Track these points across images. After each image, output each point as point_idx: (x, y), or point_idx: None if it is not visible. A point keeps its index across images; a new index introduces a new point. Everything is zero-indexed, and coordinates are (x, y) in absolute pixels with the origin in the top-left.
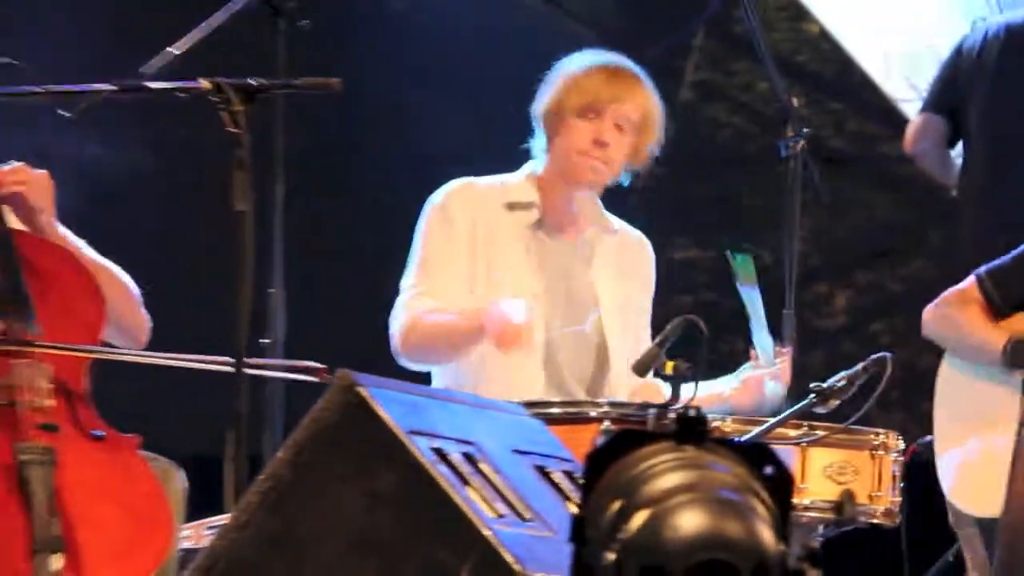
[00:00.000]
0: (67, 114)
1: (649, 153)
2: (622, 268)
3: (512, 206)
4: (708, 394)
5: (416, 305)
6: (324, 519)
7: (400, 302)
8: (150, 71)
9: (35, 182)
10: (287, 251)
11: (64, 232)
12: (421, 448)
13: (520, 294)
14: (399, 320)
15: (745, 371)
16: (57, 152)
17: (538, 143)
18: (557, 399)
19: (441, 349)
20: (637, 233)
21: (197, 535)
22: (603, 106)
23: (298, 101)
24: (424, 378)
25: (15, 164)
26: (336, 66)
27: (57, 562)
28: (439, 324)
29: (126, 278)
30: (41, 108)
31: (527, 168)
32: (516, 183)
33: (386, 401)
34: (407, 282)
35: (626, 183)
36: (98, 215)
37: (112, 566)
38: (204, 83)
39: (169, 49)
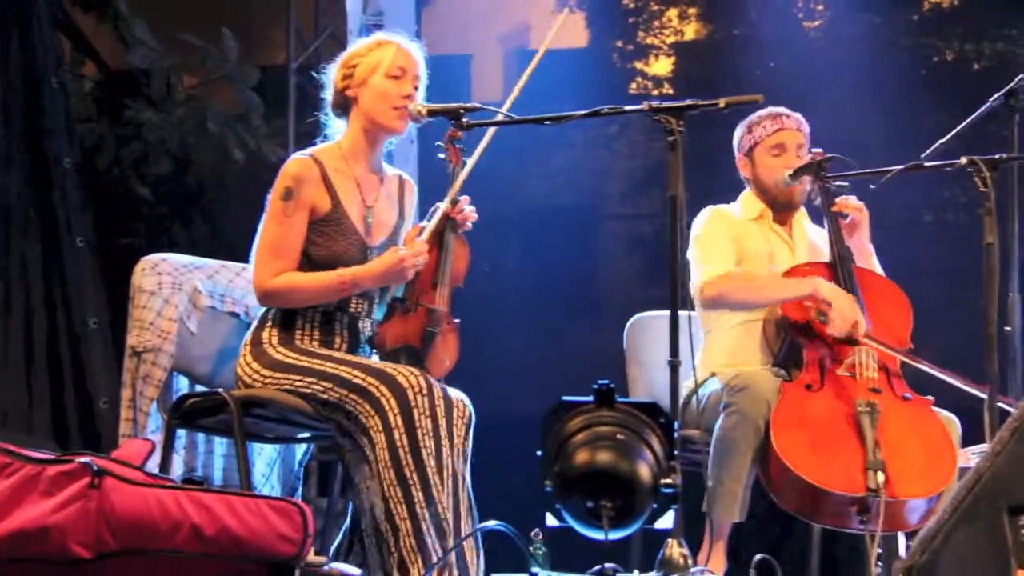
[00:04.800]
0: (872, 186)
1: None
2: None
3: None
4: None
5: None
6: None
7: None
8: (926, 154)
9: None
10: (1022, 268)
11: (870, 247)
12: None
13: None
14: None
15: None
16: (888, 205)
17: None
18: None
19: None
20: None
21: (965, 458)
22: None
23: None
24: None
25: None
26: None
27: (880, 477)
28: None
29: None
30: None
31: None
32: None
33: None
34: None
35: None
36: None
37: (916, 482)
38: (963, 160)
39: (940, 141)
